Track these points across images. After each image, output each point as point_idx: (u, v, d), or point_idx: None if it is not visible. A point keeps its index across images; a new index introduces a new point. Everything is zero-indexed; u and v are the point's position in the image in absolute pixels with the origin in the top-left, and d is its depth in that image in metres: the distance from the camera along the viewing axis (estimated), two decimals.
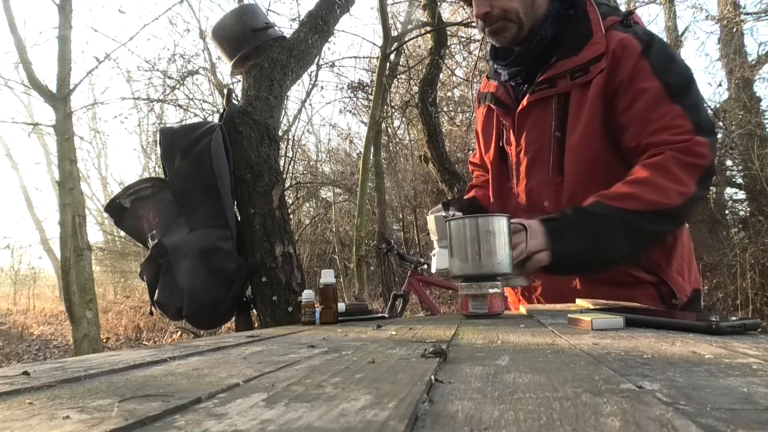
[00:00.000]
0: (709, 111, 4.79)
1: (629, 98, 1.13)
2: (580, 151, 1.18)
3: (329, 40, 2.54)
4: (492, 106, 1.34)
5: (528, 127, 1.25)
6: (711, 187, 4.82)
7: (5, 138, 10.89)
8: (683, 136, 1.06)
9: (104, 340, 5.35)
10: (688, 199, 1.05)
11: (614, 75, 1.13)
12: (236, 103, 2.05)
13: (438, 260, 1.20)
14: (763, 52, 4.93)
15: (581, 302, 1.11)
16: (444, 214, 1.20)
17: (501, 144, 1.35)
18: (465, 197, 1.54)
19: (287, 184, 4.82)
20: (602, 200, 1.07)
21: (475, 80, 5.92)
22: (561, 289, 1.21)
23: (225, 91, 2.57)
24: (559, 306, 1.13)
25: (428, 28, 4.58)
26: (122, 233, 5.73)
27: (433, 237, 1.26)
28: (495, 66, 1.33)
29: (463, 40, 6.53)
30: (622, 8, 5.59)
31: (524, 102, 1.23)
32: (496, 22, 1.20)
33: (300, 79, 2.91)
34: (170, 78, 5.33)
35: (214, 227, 1.75)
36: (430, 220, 1.27)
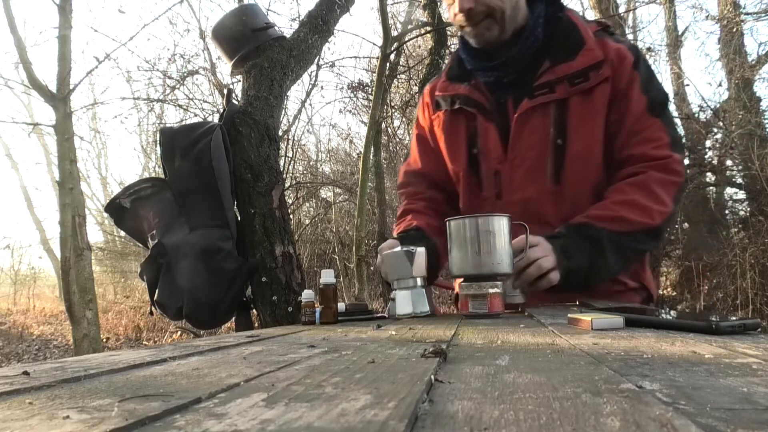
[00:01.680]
0: (709, 111, 4.80)
1: (621, 109, 1.16)
2: (585, 158, 1.18)
3: (329, 40, 2.54)
4: (468, 109, 1.26)
5: (526, 133, 1.20)
6: (710, 188, 4.83)
7: (5, 138, 10.87)
8: (663, 151, 1.13)
9: (104, 340, 5.35)
10: (667, 218, 1.13)
11: (614, 85, 1.15)
12: (236, 103, 2.05)
13: (400, 304, 1.06)
14: (763, 52, 4.93)
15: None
16: (398, 249, 1.09)
17: (474, 150, 1.27)
18: (405, 228, 1.33)
19: (287, 184, 4.82)
20: (592, 222, 1.11)
21: None
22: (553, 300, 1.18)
23: (225, 91, 2.57)
24: (558, 306, 1.13)
25: (428, 28, 4.58)
26: (122, 233, 5.73)
27: (390, 277, 1.11)
28: (470, 68, 1.27)
29: None
30: (622, 8, 5.60)
31: (524, 106, 1.19)
32: (480, 21, 1.16)
33: (300, 79, 2.91)
34: (170, 78, 5.33)
35: (214, 227, 1.75)
36: (385, 257, 1.11)
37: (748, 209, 4.53)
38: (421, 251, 1.09)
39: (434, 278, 1.34)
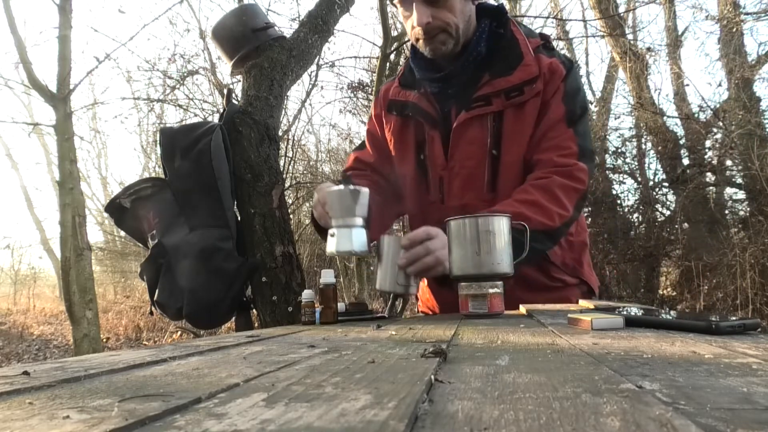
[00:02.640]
0: (709, 111, 4.79)
1: (541, 117, 1.22)
2: (516, 169, 1.24)
3: (329, 40, 2.54)
4: (417, 118, 1.31)
5: (464, 143, 1.25)
6: (710, 188, 4.82)
7: (5, 138, 10.87)
8: (569, 159, 1.19)
9: (104, 340, 5.35)
10: (566, 221, 1.17)
11: (543, 97, 1.21)
12: (236, 103, 2.05)
13: (340, 240, 1.08)
14: (763, 52, 4.93)
15: (583, 303, 1.12)
16: (343, 187, 1.10)
17: (421, 156, 1.32)
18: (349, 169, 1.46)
19: (287, 184, 4.81)
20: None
21: None
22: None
23: (225, 91, 2.57)
24: (558, 306, 1.13)
25: None
26: (122, 233, 5.73)
27: (333, 215, 1.12)
28: (419, 76, 1.30)
29: None
30: (622, 8, 5.60)
31: (461, 117, 1.24)
32: (436, 34, 1.20)
33: (300, 79, 2.91)
34: (170, 78, 5.32)
35: (214, 227, 1.74)
36: (329, 194, 1.12)
37: (748, 209, 4.53)
38: (365, 191, 1.11)
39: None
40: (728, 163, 4.79)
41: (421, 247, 1.08)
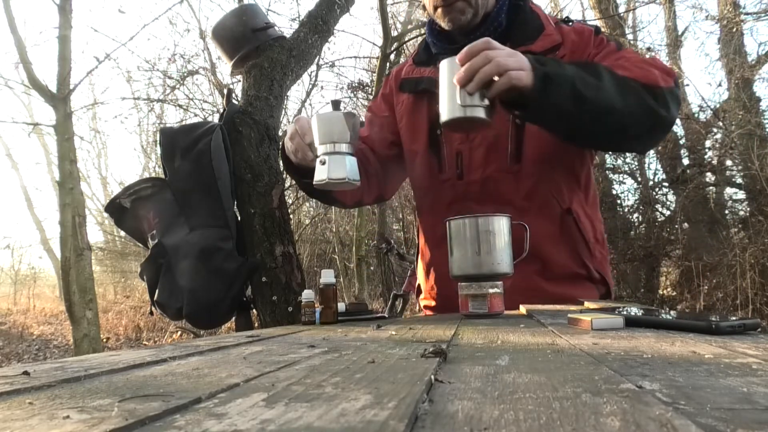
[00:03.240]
0: (709, 111, 4.79)
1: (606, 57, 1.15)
2: (540, 137, 1.17)
3: (329, 40, 2.54)
4: (432, 90, 1.23)
5: None
6: (710, 188, 4.82)
7: (5, 138, 10.87)
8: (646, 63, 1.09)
9: (104, 340, 5.34)
10: (673, 90, 1.04)
11: (579, 57, 1.17)
12: (236, 103, 2.05)
13: (332, 167, 0.99)
14: (763, 52, 4.93)
15: (588, 304, 1.11)
16: (336, 110, 1.03)
17: (438, 132, 1.27)
18: None
19: (287, 184, 4.82)
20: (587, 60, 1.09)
21: None
22: (524, 284, 1.15)
23: (225, 91, 2.57)
24: (558, 306, 1.13)
25: None
26: (122, 233, 5.72)
27: (323, 140, 1.03)
28: (435, 51, 1.27)
29: None
30: (622, 8, 5.60)
31: None
32: (454, 2, 1.17)
33: (300, 79, 2.91)
34: (170, 78, 5.32)
35: (214, 227, 1.74)
36: (320, 117, 1.03)
37: (748, 209, 4.53)
38: (357, 115, 1.04)
39: None
40: (728, 163, 4.79)
41: (480, 57, 0.92)
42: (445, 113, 0.96)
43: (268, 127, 1.97)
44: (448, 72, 0.96)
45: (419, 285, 1.43)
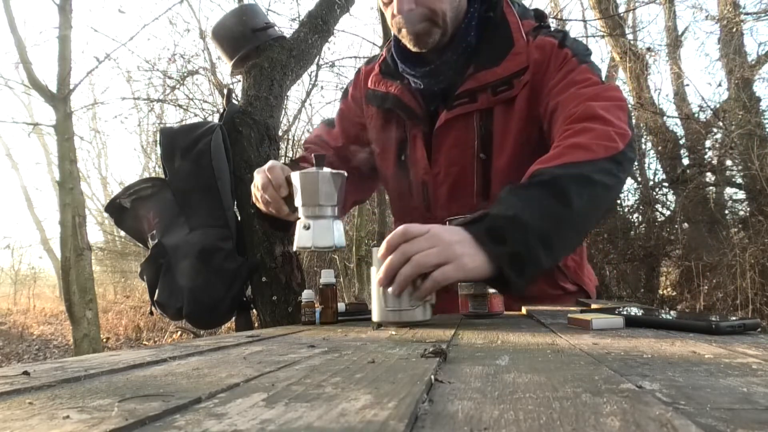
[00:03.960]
0: (709, 111, 4.79)
1: (538, 92, 1.04)
2: (509, 174, 1.06)
3: (329, 40, 2.54)
4: (399, 112, 1.16)
5: (447, 147, 1.12)
6: (710, 188, 4.82)
7: (5, 138, 10.86)
8: (593, 87, 0.98)
9: (104, 340, 5.34)
10: (629, 142, 0.89)
11: (541, 83, 1.04)
12: (236, 103, 2.05)
13: (319, 233, 0.92)
14: (763, 52, 4.93)
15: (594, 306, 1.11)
16: (325, 170, 0.95)
17: (402, 157, 1.18)
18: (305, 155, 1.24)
19: None
20: (538, 167, 0.85)
21: None
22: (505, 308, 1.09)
23: (225, 91, 2.57)
24: (558, 306, 1.13)
25: None
26: (122, 233, 5.72)
27: (309, 202, 0.94)
28: (402, 69, 1.15)
29: None
30: (622, 8, 5.59)
31: (443, 118, 1.10)
32: (419, 23, 1.05)
33: (300, 79, 2.90)
34: (170, 78, 5.32)
35: (214, 227, 1.75)
36: (302, 175, 0.94)
37: (748, 209, 4.53)
38: (344, 175, 0.95)
39: None
40: (728, 163, 4.79)
41: (397, 255, 0.77)
42: (375, 314, 0.86)
43: (268, 127, 1.97)
44: (376, 265, 0.84)
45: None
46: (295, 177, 0.95)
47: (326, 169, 0.94)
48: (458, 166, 1.12)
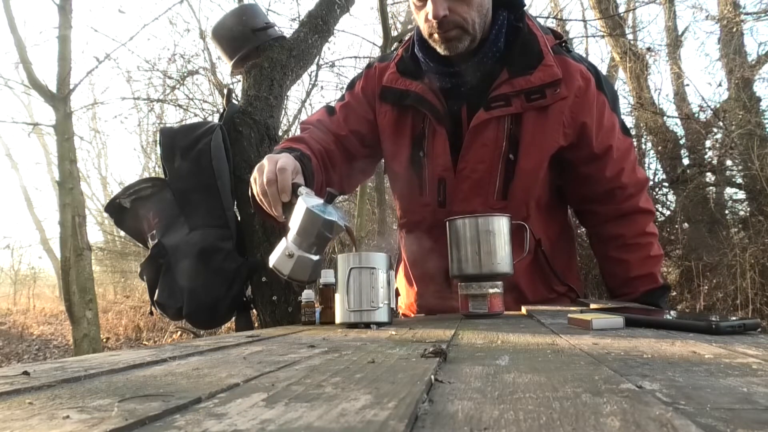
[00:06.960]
0: (709, 111, 4.79)
1: (603, 133, 1.19)
2: (533, 175, 1.17)
3: (329, 40, 2.54)
4: (421, 109, 1.19)
5: (478, 145, 1.16)
6: (710, 188, 4.82)
7: (5, 138, 10.85)
8: (640, 174, 1.26)
9: (104, 340, 5.34)
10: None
11: (581, 110, 1.16)
12: (236, 103, 2.05)
13: (296, 268, 0.92)
14: (763, 52, 4.92)
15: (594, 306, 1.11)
16: (333, 216, 0.92)
17: (420, 153, 1.21)
18: (293, 147, 1.18)
19: None
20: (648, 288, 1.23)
21: None
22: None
23: (225, 91, 2.57)
24: (558, 306, 1.13)
25: None
26: (122, 233, 5.72)
27: (302, 235, 0.93)
28: (427, 69, 1.19)
29: None
30: (622, 8, 5.60)
31: (481, 116, 1.14)
32: (451, 29, 1.10)
33: (300, 79, 2.90)
34: (170, 78, 5.32)
35: (214, 227, 1.74)
36: (311, 214, 0.90)
37: (748, 209, 4.53)
38: (345, 228, 0.94)
39: None
40: (728, 163, 4.79)
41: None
42: (338, 316, 0.91)
43: (268, 127, 1.97)
44: (340, 270, 0.90)
45: (398, 297, 1.40)
46: (301, 206, 0.92)
47: (332, 216, 0.91)
48: (485, 164, 1.17)
